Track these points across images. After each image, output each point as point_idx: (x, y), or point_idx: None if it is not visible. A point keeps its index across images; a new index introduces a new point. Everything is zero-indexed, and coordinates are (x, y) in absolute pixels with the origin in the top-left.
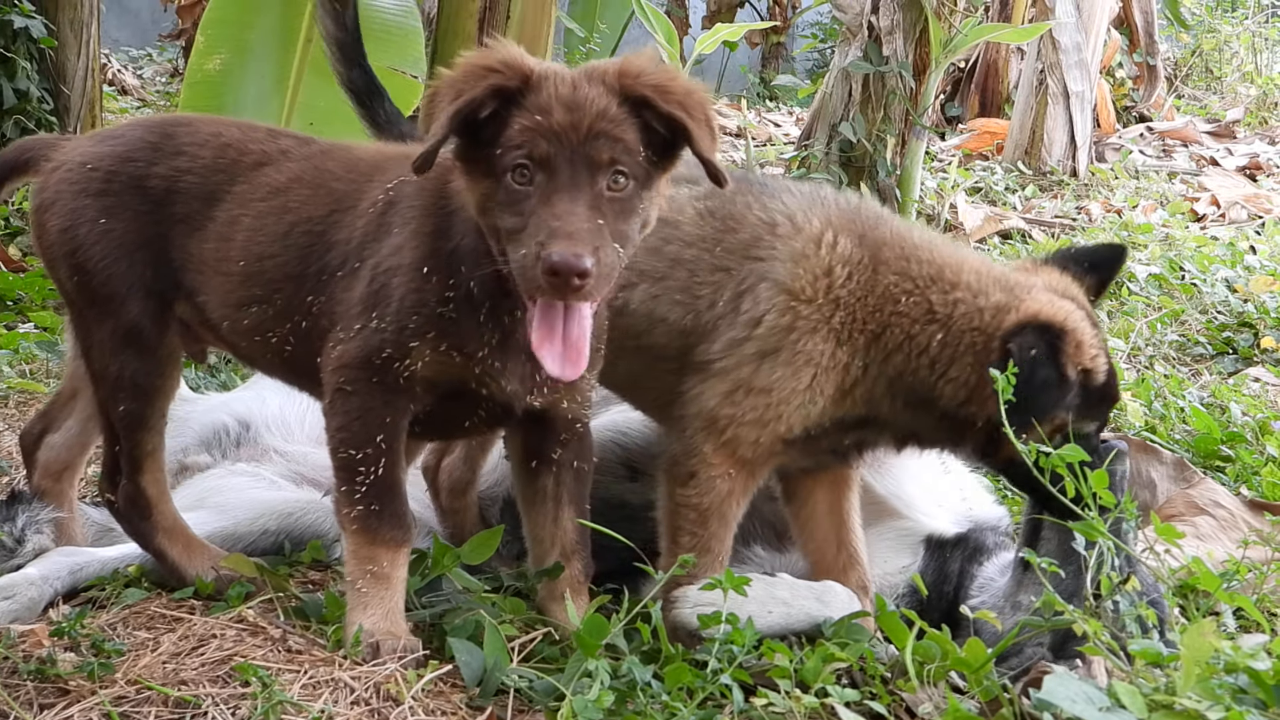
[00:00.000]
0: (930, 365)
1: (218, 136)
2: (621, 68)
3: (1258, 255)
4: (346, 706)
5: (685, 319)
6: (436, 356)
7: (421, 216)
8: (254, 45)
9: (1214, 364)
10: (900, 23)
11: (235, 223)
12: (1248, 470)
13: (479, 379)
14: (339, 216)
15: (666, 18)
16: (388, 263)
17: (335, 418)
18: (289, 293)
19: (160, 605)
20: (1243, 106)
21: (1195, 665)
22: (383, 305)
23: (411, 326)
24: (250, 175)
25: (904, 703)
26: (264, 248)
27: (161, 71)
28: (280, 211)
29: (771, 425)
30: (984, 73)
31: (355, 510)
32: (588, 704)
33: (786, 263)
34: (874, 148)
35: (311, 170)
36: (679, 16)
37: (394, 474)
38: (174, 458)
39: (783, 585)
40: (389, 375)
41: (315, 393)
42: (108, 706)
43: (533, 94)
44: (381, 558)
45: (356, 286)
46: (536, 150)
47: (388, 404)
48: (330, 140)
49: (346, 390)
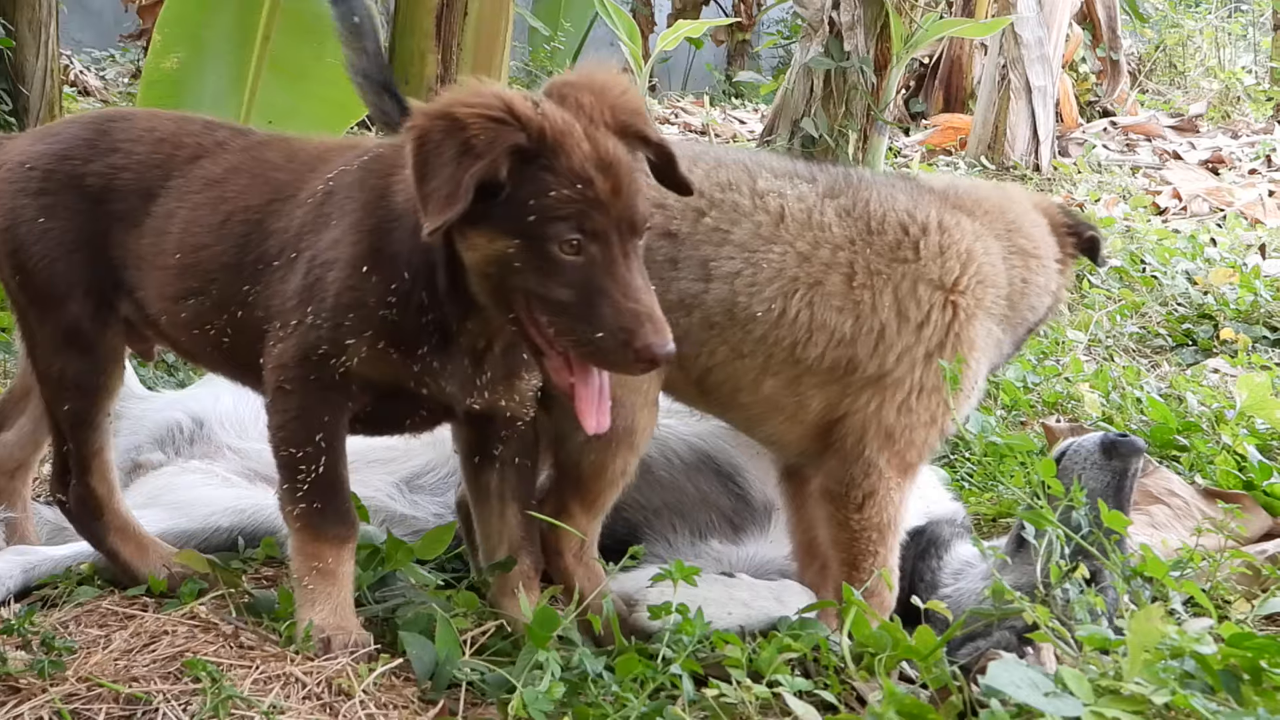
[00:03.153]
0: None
1: (152, 131)
2: (612, 103)
3: (1218, 248)
4: (298, 701)
5: (845, 325)
6: (374, 354)
7: (362, 211)
8: (211, 44)
9: (1173, 355)
10: (861, 18)
11: (171, 216)
12: (1203, 459)
13: (418, 379)
14: (278, 206)
15: (630, 16)
16: (324, 256)
17: (275, 416)
18: (225, 283)
19: (112, 603)
20: (1205, 101)
21: (1142, 650)
22: (318, 301)
23: (348, 324)
24: (186, 169)
25: (855, 692)
26: (199, 239)
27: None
28: (216, 202)
29: (941, 422)
30: (948, 68)
31: (299, 508)
32: (538, 695)
33: (936, 259)
34: (836, 143)
35: (249, 160)
36: (644, 14)
37: (336, 471)
38: (127, 456)
39: (742, 586)
40: (326, 372)
41: (258, 387)
42: (58, 704)
43: (560, 156)
44: (327, 554)
45: (292, 279)
46: (589, 224)
47: (325, 402)
48: (270, 131)
49: (285, 389)
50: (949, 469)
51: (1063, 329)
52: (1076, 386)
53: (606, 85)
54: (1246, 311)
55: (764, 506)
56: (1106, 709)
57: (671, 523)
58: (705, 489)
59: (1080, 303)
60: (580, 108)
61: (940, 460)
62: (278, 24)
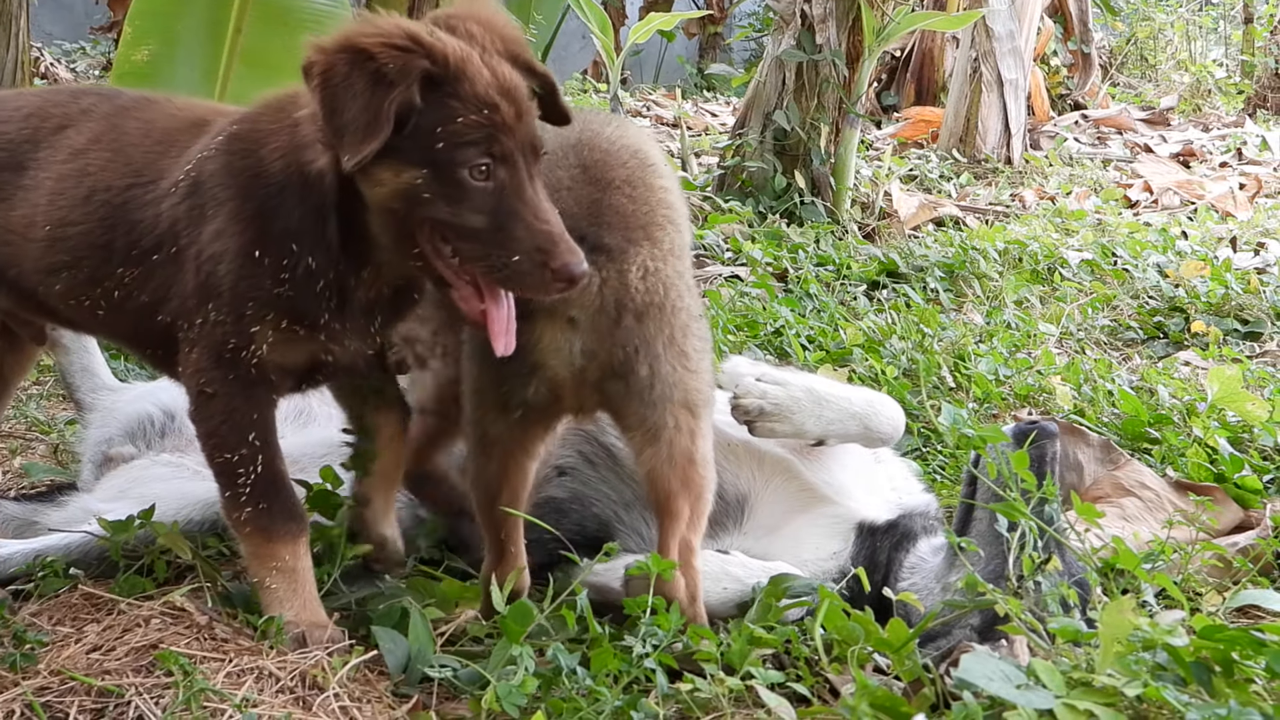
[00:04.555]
0: None
1: (20, 110)
2: (501, 33)
3: (1189, 240)
4: (271, 694)
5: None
6: (280, 336)
7: (239, 199)
8: (182, 36)
9: (1145, 348)
10: (833, 11)
11: (39, 187)
12: (1174, 452)
13: (325, 348)
14: (137, 193)
15: (601, 8)
16: (210, 250)
17: (204, 423)
18: (96, 262)
19: (84, 596)
20: (1177, 94)
21: (1114, 643)
22: (215, 296)
23: (249, 313)
24: (52, 139)
25: (829, 684)
26: (66, 213)
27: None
28: (80, 175)
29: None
30: (920, 61)
31: (244, 512)
32: (512, 689)
33: None
34: (808, 136)
35: (110, 131)
36: (615, 7)
37: (274, 467)
38: (98, 448)
39: (735, 563)
40: (241, 368)
41: (140, 355)
42: (30, 697)
43: (464, 82)
44: (282, 553)
45: (185, 277)
46: (497, 148)
47: (251, 399)
48: (138, 93)
49: (208, 393)
50: (921, 461)
51: (1034, 322)
52: (1048, 379)
53: (492, 17)
54: (1218, 304)
55: (736, 500)
56: (1079, 701)
57: (643, 516)
58: None
59: (1052, 296)
60: (472, 37)
61: (912, 452)
62: (249, 16)
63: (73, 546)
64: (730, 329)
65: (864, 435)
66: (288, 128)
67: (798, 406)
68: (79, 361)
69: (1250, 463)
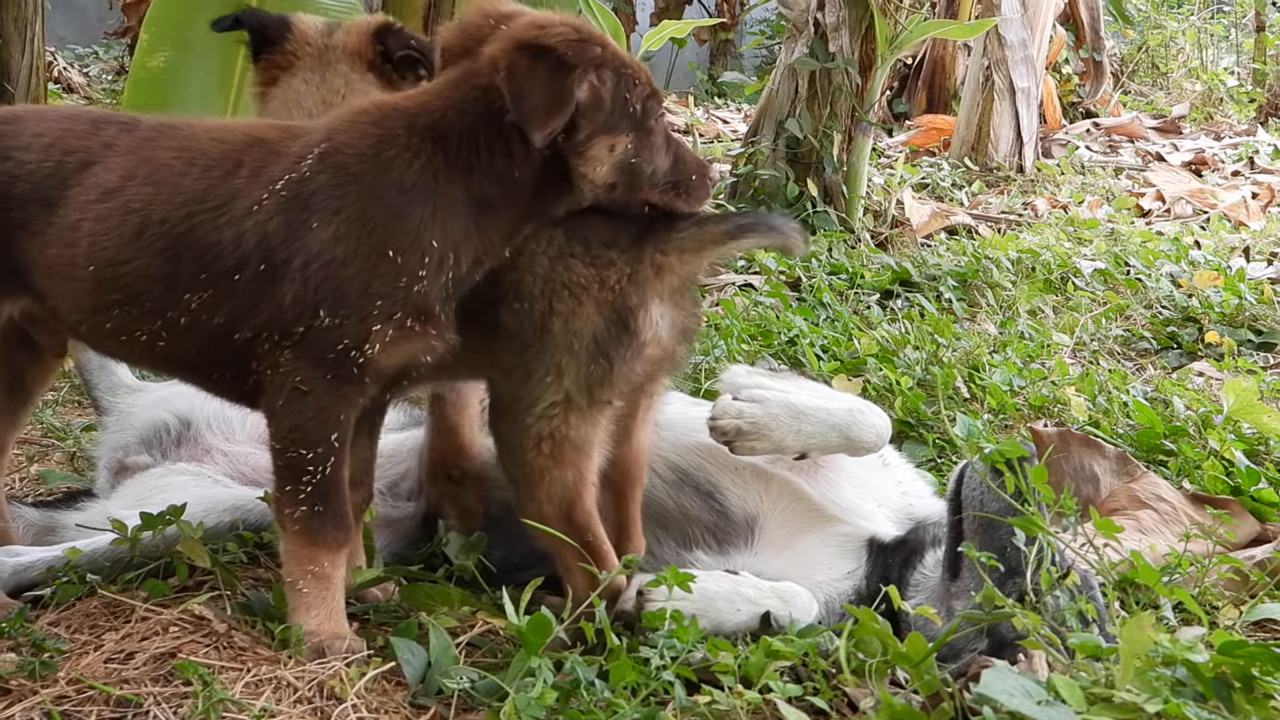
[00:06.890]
0: None
1: (39, 138)
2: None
3: (1202, 250)
4: (289, 705)
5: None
6: (398, 333)
7: (365, 201)
8: (197, 43)
9: (1158, 359)
10: (846, 19)
11: (75, 229)
12: (1190, 464)
13: (428, 346)
14: (206, 219)
15: (613, 14)
16: (326, 256)
17: (288, 418)
18: (159, 294)
19: (103, 604)
20: (1188, 102)
21: (1134, 658)
22: (333, 300)
23: (376, 310)
24: (79, 177)
25: (847, 698)
26: (114, 253)
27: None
28: (123, 214)
29: None
30: (931, 69)
31: (298, 511)
32: (530, 701)
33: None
34: (820, 144)
35: (142, 165)
36: (626, 13)
37: (339, 473)
38: (114, 456)
39: (747, 584)
40: (345, 368)
41: (199, 381)
42: (49, 706)
43: (618, 55)
44: (322, 558)
45: (282, 290)
46: (654, 99)
47: (344, 398)
48: (155, 120)
49: (302, 390)
50: (935, 473)
51: (1048, 332)
52: (1063, 390)
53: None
54: (1231, 314)
55: (745, 521)
56: (1099, 717)
57: (655, 534)
58: (686, 505)
59: (1065, 305)
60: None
61: (927, 463)
62: None
63: (98, 554)
64: (745, 338)
65: (846, 446)
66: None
67: (775, 424)
68: (97, 358)
69: (1266, 475)
